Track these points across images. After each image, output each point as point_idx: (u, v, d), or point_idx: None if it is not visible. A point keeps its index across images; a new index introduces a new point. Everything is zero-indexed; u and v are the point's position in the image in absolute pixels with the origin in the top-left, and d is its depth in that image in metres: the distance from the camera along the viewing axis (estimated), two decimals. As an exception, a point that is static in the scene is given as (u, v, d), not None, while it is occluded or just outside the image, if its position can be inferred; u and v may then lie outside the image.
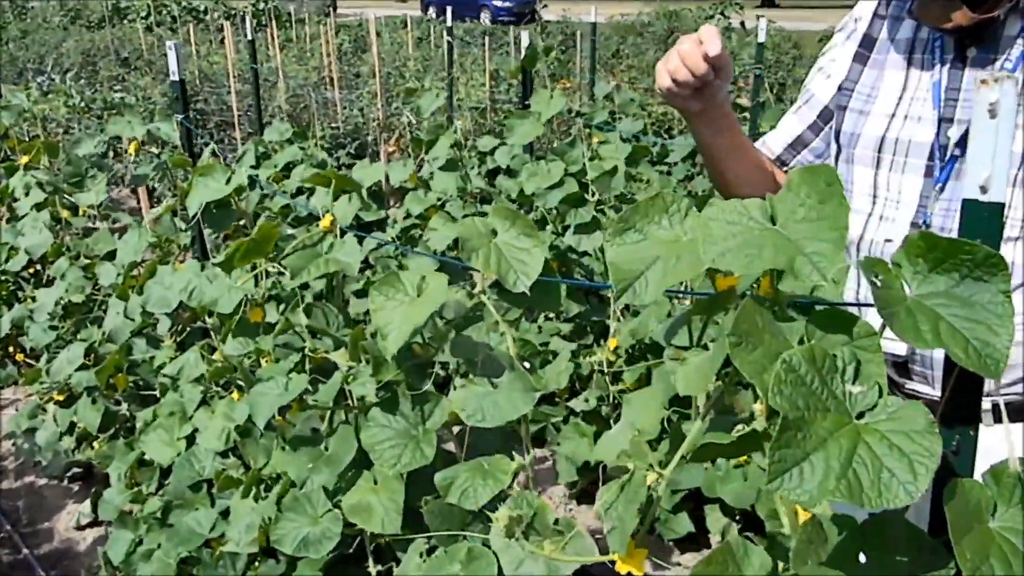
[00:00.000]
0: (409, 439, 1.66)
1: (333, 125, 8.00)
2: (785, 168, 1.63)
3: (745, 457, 2.82)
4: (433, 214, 3.73)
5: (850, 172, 1.47)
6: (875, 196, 1.44)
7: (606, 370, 3.15)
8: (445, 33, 7.33)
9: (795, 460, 0.86)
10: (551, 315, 3.72)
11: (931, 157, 1.36)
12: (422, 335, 1.68)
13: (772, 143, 1.64)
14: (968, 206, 0.87)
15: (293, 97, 8.54)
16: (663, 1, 17.56)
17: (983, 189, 0.85)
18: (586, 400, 3.13)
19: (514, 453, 1.60)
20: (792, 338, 0.98)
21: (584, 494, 3.33)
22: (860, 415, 0.91)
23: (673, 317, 1.30)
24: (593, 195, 3.27)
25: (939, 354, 1.37)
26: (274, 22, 12.56)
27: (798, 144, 1.60)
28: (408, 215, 3.88)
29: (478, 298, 1.51)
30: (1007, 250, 1.31)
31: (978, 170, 0.85)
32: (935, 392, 1.45)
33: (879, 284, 0.89)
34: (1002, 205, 0.85)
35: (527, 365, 1.52)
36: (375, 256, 3.84)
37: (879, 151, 1.40)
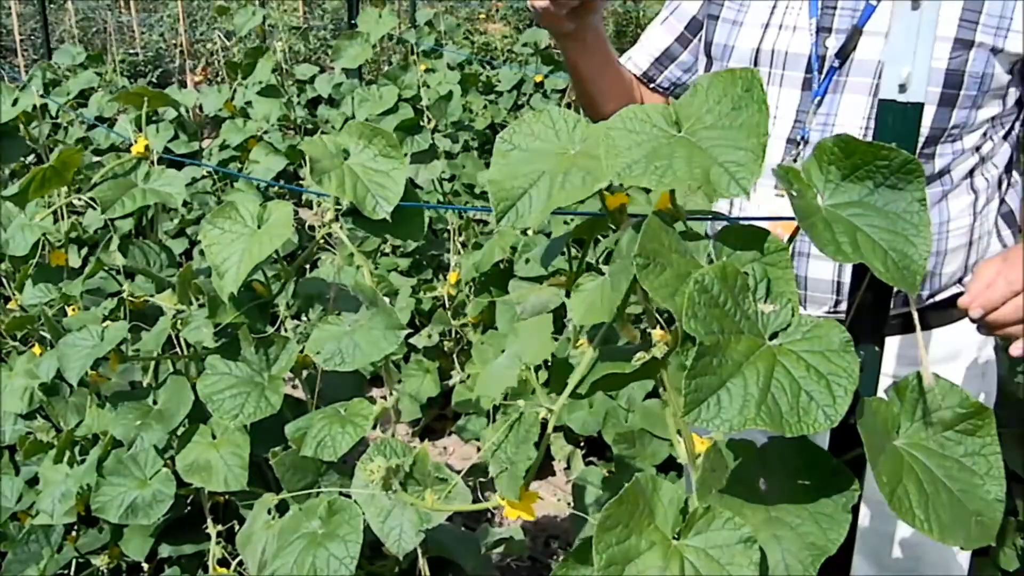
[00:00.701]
0: (253, 387, 1.50)
1: (131, 51, 7.31)
2: (652, 85, 1.56)
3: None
4: (254, 145, 3.45)
5: None
6: None
7: (447, 304, 3.05)
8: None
9: (711, 388, 0.79)
10: (387, 250, 3.56)
11: (808, 69, 1.32)
12: (264, 272, 1.50)
13: (638, 59, 1.56)
14: (884, 108, 0.81)
15: (84, 20, 7.72)
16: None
17: (901, 88, 0.80)
18: (428, 336, 3.03)
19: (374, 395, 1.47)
20: (699, 257, 0.91)
21: (428, 431, 3.25)
22: (774, 335, 0.85)
23: (545, 244, 1.20)
24: (429, 121, 3.12)
25: (814, 272, 1.35)
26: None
27: (665, 59, 1.53)
28: (225, 146, 3.57)
29: (328, 227, 1.36)
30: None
31: (897, 66, 0.79)
32: (805, 312, 1.46)
33: (795, 194, 0.83)
34: (922, 105, 0.80)
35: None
36: (190, 192, 3.52)
37: (755, 63, 1.35)
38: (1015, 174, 1.43)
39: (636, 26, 9.52)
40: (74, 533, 1.98)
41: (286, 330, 1.51)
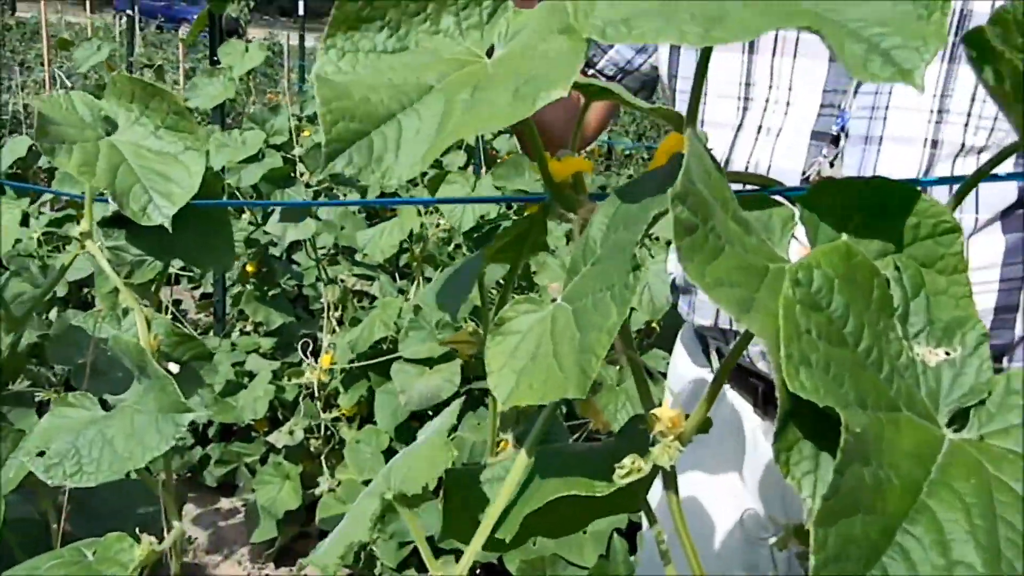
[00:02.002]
0: (-44, 511, 0.92)
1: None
2: (591, 71, 1.11)
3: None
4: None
5: (693, 58, 0.99)
6: (747, 97, 0.95)
7: (317, 393, 2.49)
8: (127, 11, 6.25)
9: (869, 550, 0.31)
10: (247, 327, 2.98)
11: None
12: (-16, 322, 0.94)
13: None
14: None
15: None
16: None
17: None
18: (290, 433, 2.45)
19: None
20: (775, 238, 0.44)
21: (285, 553, 2.62)
22: (954, 419, 0.39)
23: (445, 270, 0.69)
24: (302, 175, 2.62)
25: None
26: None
27: None
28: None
29: (81, 244, 0.82)
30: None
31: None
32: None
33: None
34: None
35: (172, 369, 0.85)
36: None
37: None
38: None
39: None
40: None
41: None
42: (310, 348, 2.52)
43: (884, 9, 0.38)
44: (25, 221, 2.86)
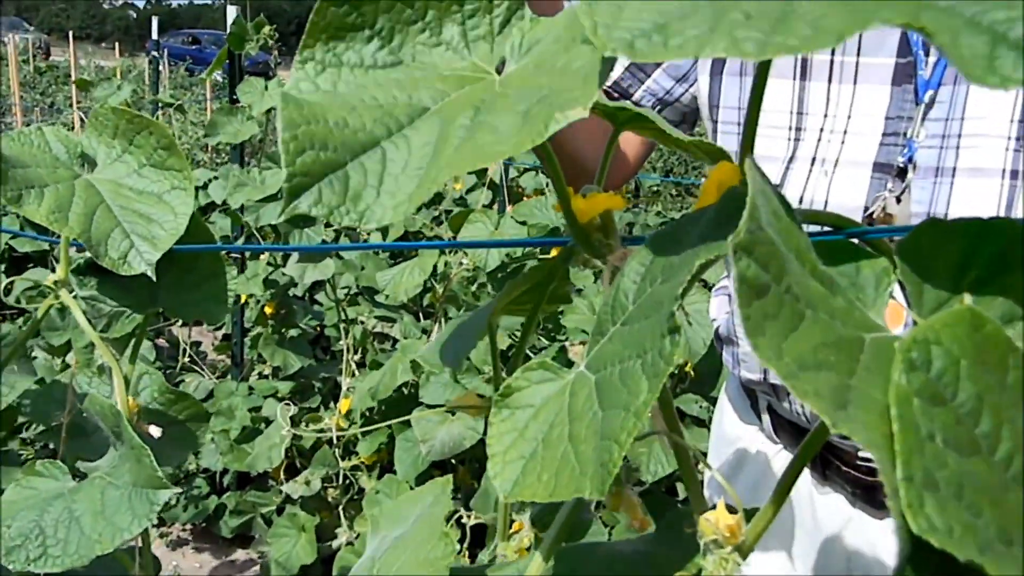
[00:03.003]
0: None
1: None
2: (629, 97, 1.03)
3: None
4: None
5: (743, 88, 0.90)
6: (799, 127, 0.86)
7: (335, 440, 2.40)
8: (154, 53, 6.31)
9: None
10: (265, 371, 2.90)
11: (903, 51, 0.81)
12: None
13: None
14: None
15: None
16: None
17: None
18: (307, 482, 2.35)
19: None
20: (867, 298, 0.34)
21: (303, 609, 2.51)
22: None
23: (452, 326, 0.59)
24: (321, 214, 2.54)
25: None
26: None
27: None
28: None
29: (56, 294, 0.74)
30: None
31: None
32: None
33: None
34: None
35: (154, 432, 0.76)
36: None
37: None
38: None
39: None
40: None
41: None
42: (328, 392, 2.44)
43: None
44: None
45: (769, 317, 0.28)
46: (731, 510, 0.38)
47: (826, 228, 0.43)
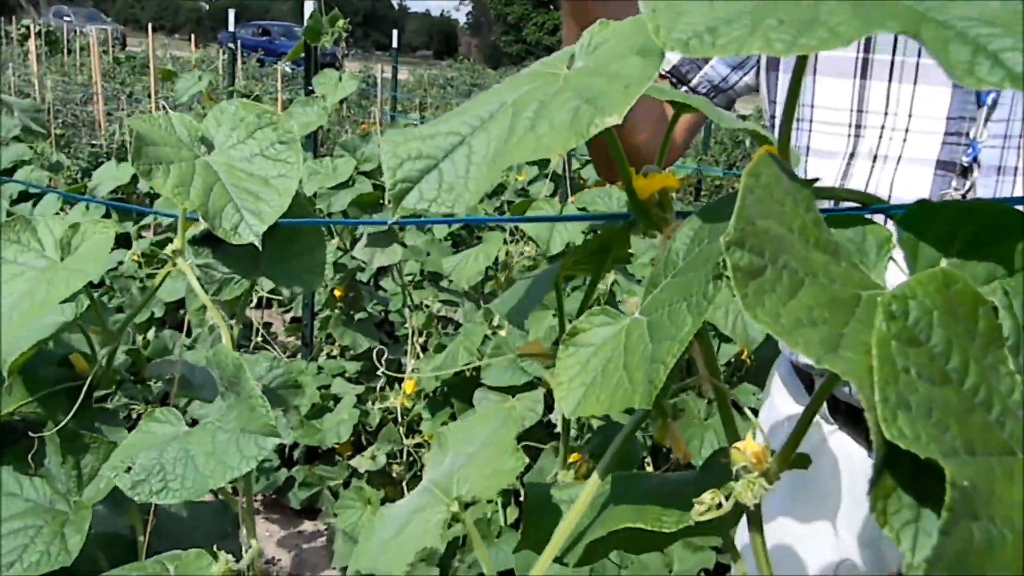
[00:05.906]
0: (50, 519, 0.94)
1: (94, 142, 6.95)
2: (685, 88, 1.09)
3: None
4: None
5: (805, 85, 0.96)
6: (859, 125, 0.92)
7: (400, 419, 2.50)
8: (230, 45, 6.52)
9: None
10: (333, 351, 3.02)
11: None
12: (84, 331, 0.97)
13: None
14: None
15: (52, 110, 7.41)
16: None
17: None
18: (372, 458, 2.46)
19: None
20: (869, 261, 0.41)
21: (367, 578, 2.63)
22: None
23: (520, 286, 0.67)
24: (390, 202, 2.64)
25: None
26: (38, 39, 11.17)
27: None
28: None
29: (172, 262, 0.84)
30: None
31: None
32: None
33: None
34: None
35: (259, 390, 0.86)
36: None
37: (866, 50, 0.89)
38: None
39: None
40: None
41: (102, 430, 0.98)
42: (394, 372, 2.54)
43: (993, 8, 0.35)
44: (127, 243, 2.97)
45: (767, 292, 0.34)
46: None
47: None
